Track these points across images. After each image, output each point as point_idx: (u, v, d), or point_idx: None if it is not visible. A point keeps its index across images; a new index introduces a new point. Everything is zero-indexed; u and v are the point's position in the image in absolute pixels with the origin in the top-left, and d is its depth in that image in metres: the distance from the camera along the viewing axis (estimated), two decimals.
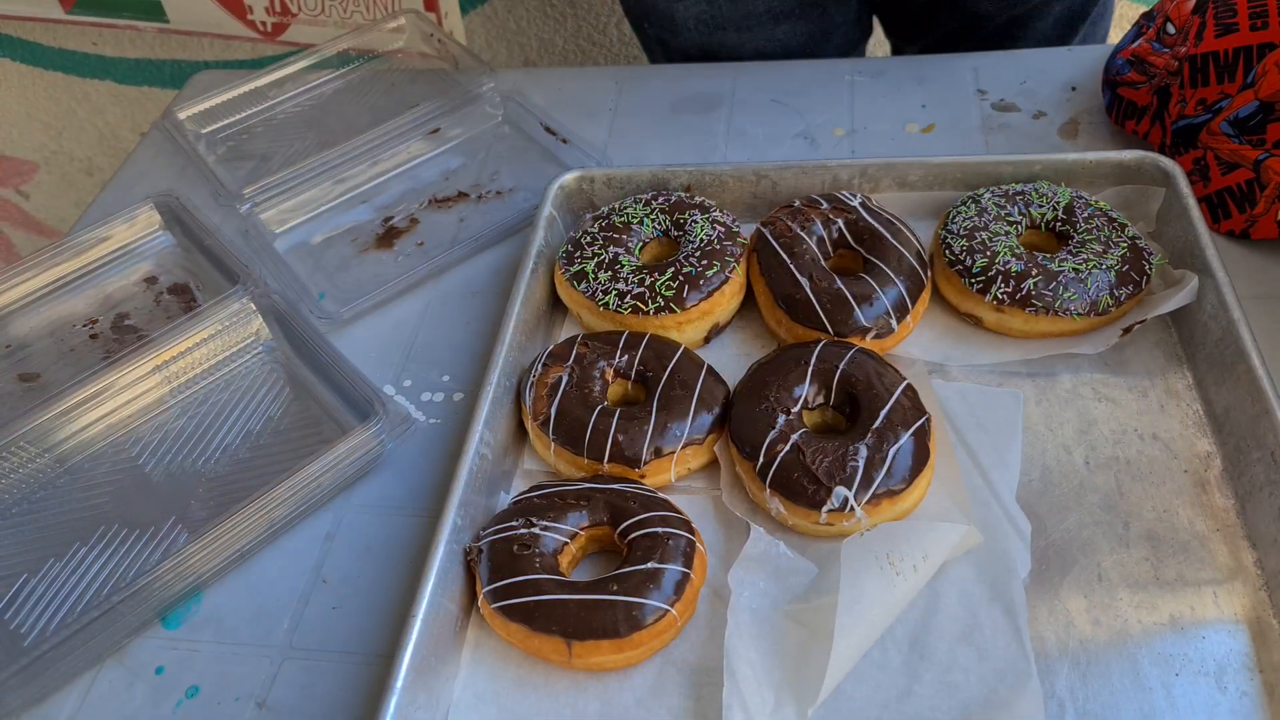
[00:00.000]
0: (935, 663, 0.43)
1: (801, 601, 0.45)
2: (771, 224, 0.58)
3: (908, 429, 0.47)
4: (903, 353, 0.55)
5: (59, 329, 0.64)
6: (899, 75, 0.75)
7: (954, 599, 0.44)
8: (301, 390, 0.58)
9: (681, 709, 0.43)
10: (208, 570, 0.49)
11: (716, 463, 0.51)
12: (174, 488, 0.54)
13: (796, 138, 0.71)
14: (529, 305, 0.57)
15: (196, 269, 0.66)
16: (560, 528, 0.46)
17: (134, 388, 0.57)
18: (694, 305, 0.55)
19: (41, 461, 0.55)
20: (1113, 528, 0.47)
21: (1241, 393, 0.48)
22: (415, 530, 0.51)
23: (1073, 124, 0.69)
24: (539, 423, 0.51)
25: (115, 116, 1.37)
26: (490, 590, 0.44)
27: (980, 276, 0.54)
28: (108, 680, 0.47)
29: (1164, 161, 0.58)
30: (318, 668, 0.46)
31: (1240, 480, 0.47)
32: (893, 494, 0.46)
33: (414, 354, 0.61)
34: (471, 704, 0.44)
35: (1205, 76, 0.60)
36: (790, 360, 0.51)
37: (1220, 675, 0.42)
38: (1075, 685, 0.42)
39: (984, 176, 0.60)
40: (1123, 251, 0.53)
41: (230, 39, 1.12)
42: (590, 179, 0.64)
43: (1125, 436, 0.50)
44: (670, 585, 0.44)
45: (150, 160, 0.78)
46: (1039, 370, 0.53)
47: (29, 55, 1.30)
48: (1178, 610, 0.44)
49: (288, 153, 0.74)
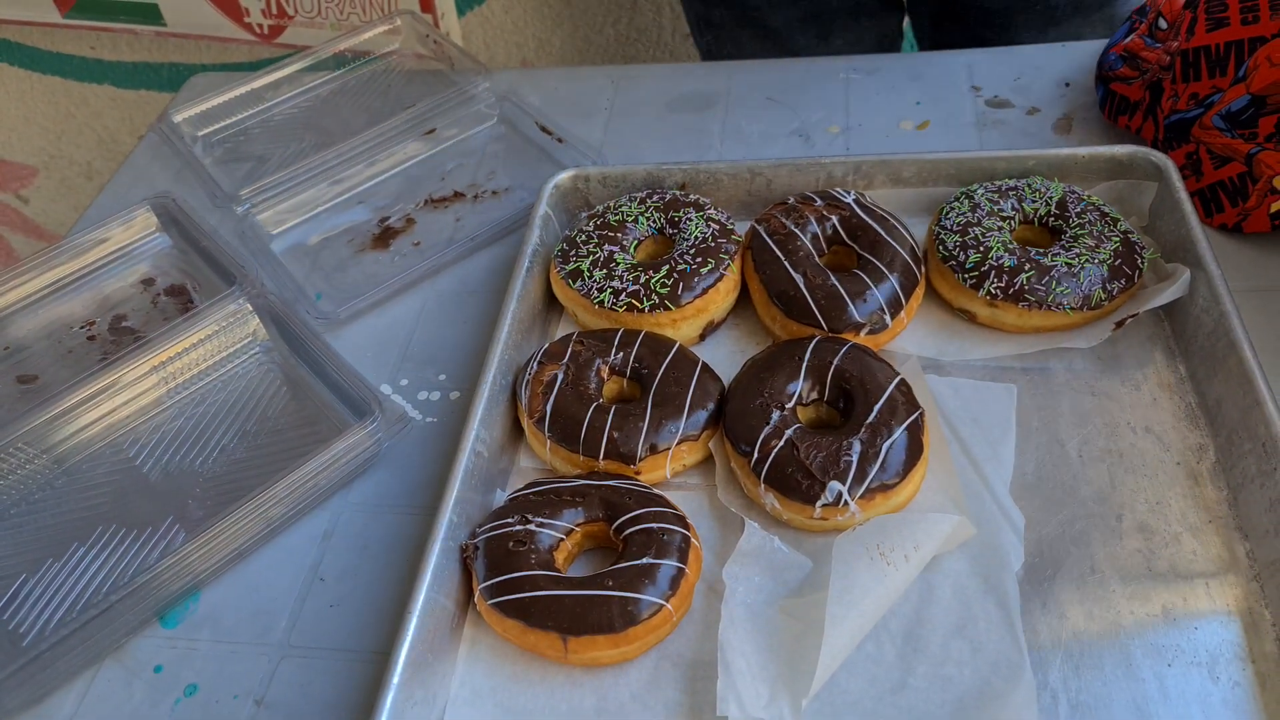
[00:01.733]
0: (929, 655, 0.43)
1: (795, 596, 0.45)
2: (766, 221, 0.58)
3: (901, 424, 0.47)
4: (896, 348, 0.55)
5: (57, 330, 0.64)
6: (893, 72, 0.75)
7: (947, 592, 0.45)
8: (298, 390, 0.58)
9: (677, 703, 0.43)
10: (205, 569, 0.49)
11: (711, 459, 0.51)
12: (172, 488, 0.54)
13: (791, 135, 0.71)
14: (525, 304, 0.57)
15: (193, 270, 0.66)
16: (556, 524, 0.47)
17: (131, 388, 0.58)
18: (689, 302, 0.55)
19: (40, 462, 0.55)
20: (1105, 520, 0.47)
21: (1233, 385, 0.48)
22: (412, 528, 0.52)
23: (1066, 119, 0.69)
24: (535, 420, 0.51)
25: (114, 120, 1.38)
26: (486, 587, 0.45)
27: (973, 272, 0.54)
28: (106, 679, 0.47)
29: (1156, 156, 0.58)
30: (315, 665, 0.47)
31: (1232, 472, 0.47)
32: (886, 488, 0.46)
33: (410, 353, 0.61)
34: (468, 700, 0.44)
35: (1197, 71, 0.60)
36: (785, 356, 0.51)
37: (1213, 666, 0.42)
38: (1068, 676, 0.42)
39: (977, 172, 0.60)
40: (1115, 246, 0.54)
41: (227, 42, 1.12)
42: (585, 178, 0.64)
43: (1118, 429, 0.50)
44: (665, 580, 0.44)
45: (147, 163, 0.78)
46: (1032, 364, 0.54)
47: (27, 59, 1.30)
48: (1170, 601, 0.44)
49: (284, 154, 0.75)
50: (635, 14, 1.19)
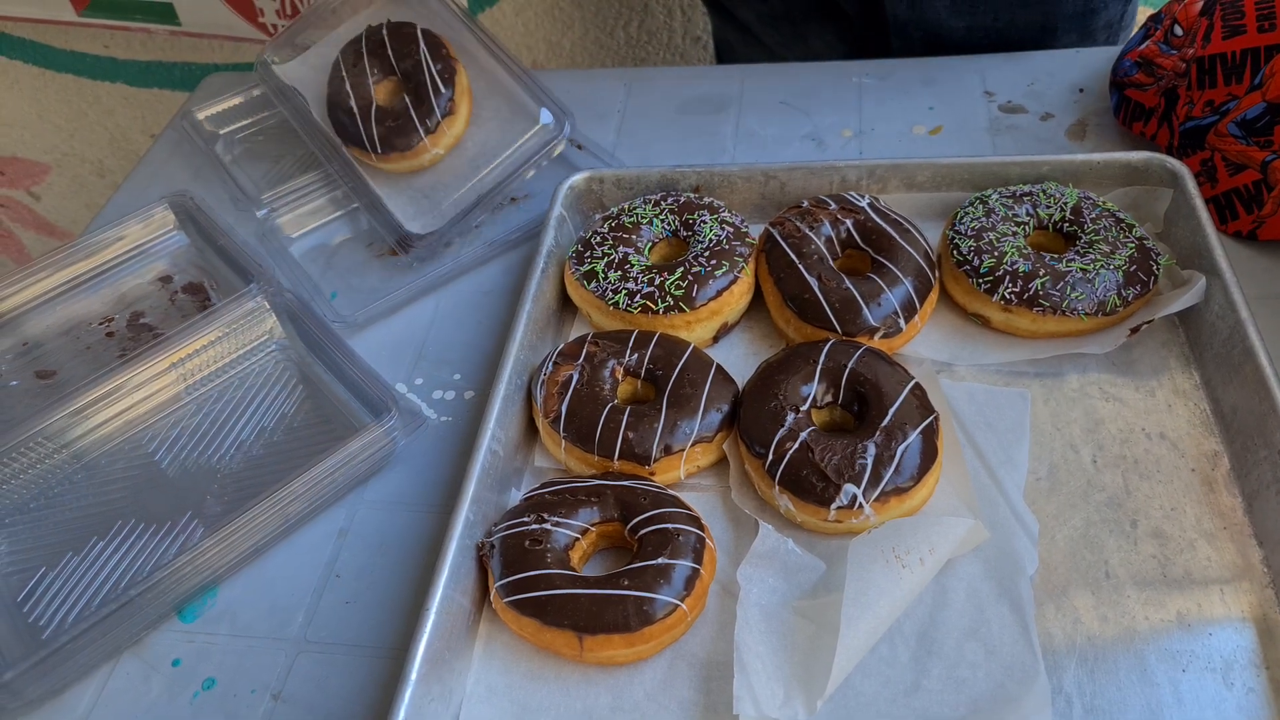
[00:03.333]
0: (943, 658, 0.43)
1: (810, 597, 0.45)
2: (780, 224, 0.58)
3: (916, 427, 0.48)
4: (910, 352, 0.55)
5: (76, 327, 0.65)
6: (907, 77, 0.75)
7: (962, 596, 0.45)
8: (314, 388, 0.59)
9: (691, 702, 0.43)
10: (223, 565, 0.49)
11: (725, 460, 0.52)
12: (189, 484, 0.54)
13: (804, 139, 0.71)
14: (539, 304, 0.57)
15: (211, 268, 0.67)
16: (571, 523, 0.47)
17: (150, 385, 0.58)
18: (703, 305, 0.55)
19: (59, 457, 0.56)
20: (1120, 526, 0.47)
21: (1249, 392, 0.48)
22: (427, 526, 0.52)
23: (1080, 125, 0.69)
24: (550, 420, 0.52)
25: (126, 118, 1.39)
26: (502, 585, 0.45)
27: (988, 277, 0.54)
28: (125, 672, 0.48)
29: (1172, 162, 0.58)
30: (332, 661, 0.47)
31: (1247, 479, 0.47)
32: (901, 492, 0.46)
33: (425, 352, 0.61)
34: (484, 697, 0.44)
35: (1213, 78, 0.60)
36: (799, 359, 0.52)
37: (1227, 672, 0.42)
38: (1083, 681, 0.42)
39: (991, 177, 0.60)
40: (1130, 252, 0.54)
41: (241, 41, 1.13)
42: (600, 180, 0.64)
43: (1133, 436, 0.50)
44: (681, 581, 0.44)
45: (164, 161, 0.79)
46: (1046, 370, 0.54)
47: (40, 57, 1.31)
48: (1185, 607, 0.44)
49: (303, 155, 0.75)
50: (646, 17, 1.20)
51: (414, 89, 0.67)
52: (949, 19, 0.75)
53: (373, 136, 0.66)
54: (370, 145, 0.66)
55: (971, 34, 0.76)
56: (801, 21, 0.83)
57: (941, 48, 0.77)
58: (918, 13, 0.76)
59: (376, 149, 0.66)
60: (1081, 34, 0.78)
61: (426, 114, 0.65)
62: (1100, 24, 0.79)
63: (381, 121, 0.66)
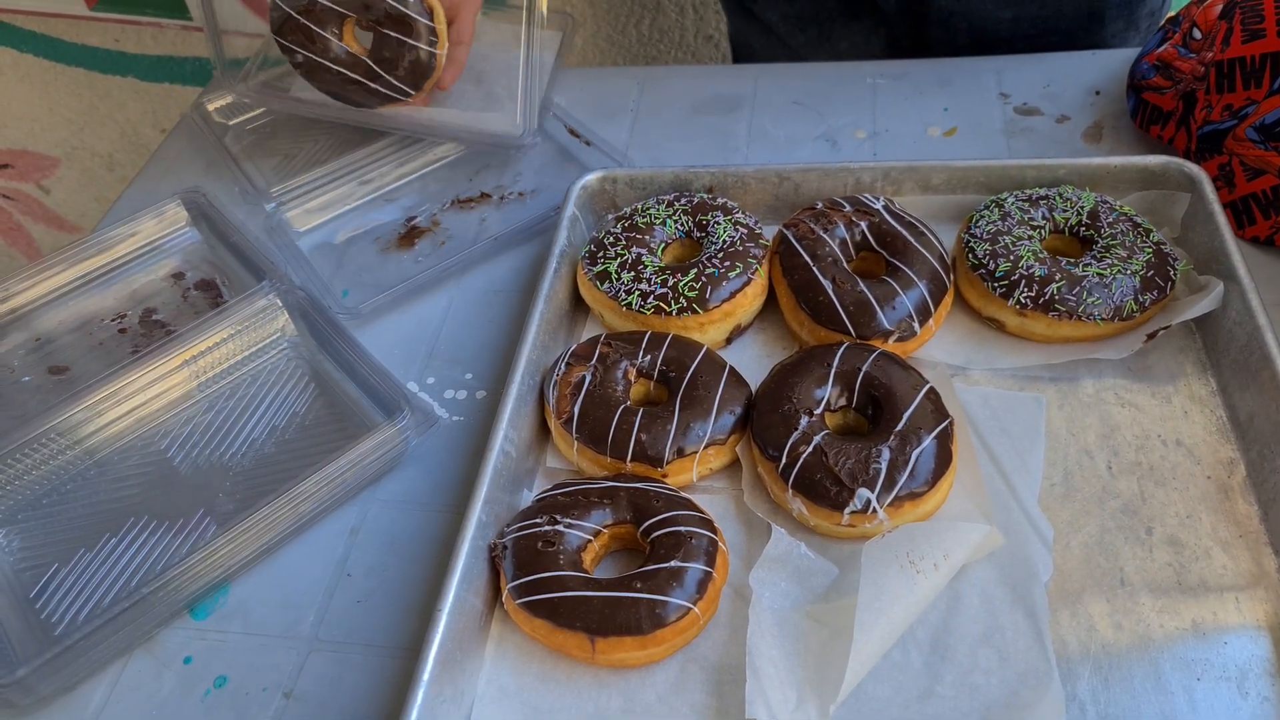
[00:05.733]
0: (956, 664, 0.43)
1: (823, 602, 0.45)
2: (794, 226, 0.58)
3: (930, 432, 0.47)
4: (925, 356, 0.55)
5: (88, 323, 0.65)
6: (921, 78, 0.75)
7: (975, 601, 0.45)
8: (326, 386, 0.59)
9: (703, 705, 0.43)
10: (235, 563, 0.49)
11: (738, 463, 0.52)
12: (202, 481, 0.54)
13: (818, 140, 0.71)
14: (552, 304, 0.57)
15: (223, 265, 0.67)
16: (584, 525, 0.47)
17: (162, 382, 0.58)
18: (716, 306, 0.55)
19: (72, 454, 0.56)
20: (1135, 532, 0.47)
21: (1266, 399, 0.48)
22: (439, 526, 0.52)
23: (1096, 128, 0.69)
24: (562, 421, 0.51)
25: (137, 113, 1.39)
26: (515, 586, 0.45)
27: (1003, 280, 0.54)
28: (137, 669, 0.48)
29: (1189, 167, 0.58)
30: (343, 660, 0.47)
31: (1264, 486, 0.47)
32: (915, 496, 0.46)
33: (437, 352, 0.61)
34: (495, 698, 0.44)
35: (1231, 82, 0.60)
36: (813, 362, 0.51)
37: (1242, 681, 0.42)
38: (1097, 688, 0.42)
39: (1007, 180, 0.60)
40: (1147, 257, 0.53)
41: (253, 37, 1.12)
42: (613, 179, 0.64)
43: (1148, 442, 0.50)
44: (693, 583, 0.44)
45: (175, 156, 0.79)
46: (1061, 375, 0.54)
47: (51, 51, 1.31)
48: (1200, 615, 0.44)
49: (314, 149, 0.75)
50: (659, 15, 1.19)
51: (376, 20, 0.65)
52: (995, 9, 0.74)
53: (392, 83, 0.66)
54: (399, 91, 0.66)
55: (1018, 24, 0.75)
56: (828, 21, 0.82)
57: (986, 40, 0.76)
58: (964, 4, 0.75)
59: (407, 91, 0.66)
60: (1127, 22, 0.77)
61: (414, 32, 0.65)
62: (1144, 11, 0.78)
63: (386, 62, 0.66)
